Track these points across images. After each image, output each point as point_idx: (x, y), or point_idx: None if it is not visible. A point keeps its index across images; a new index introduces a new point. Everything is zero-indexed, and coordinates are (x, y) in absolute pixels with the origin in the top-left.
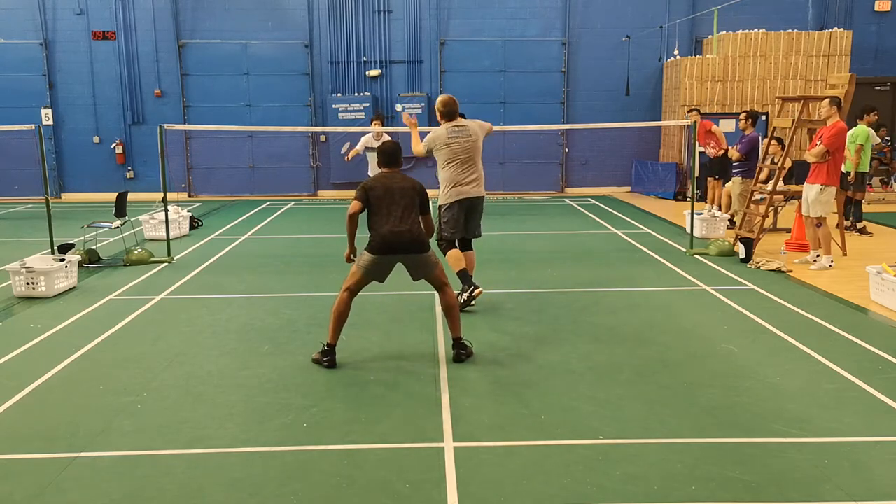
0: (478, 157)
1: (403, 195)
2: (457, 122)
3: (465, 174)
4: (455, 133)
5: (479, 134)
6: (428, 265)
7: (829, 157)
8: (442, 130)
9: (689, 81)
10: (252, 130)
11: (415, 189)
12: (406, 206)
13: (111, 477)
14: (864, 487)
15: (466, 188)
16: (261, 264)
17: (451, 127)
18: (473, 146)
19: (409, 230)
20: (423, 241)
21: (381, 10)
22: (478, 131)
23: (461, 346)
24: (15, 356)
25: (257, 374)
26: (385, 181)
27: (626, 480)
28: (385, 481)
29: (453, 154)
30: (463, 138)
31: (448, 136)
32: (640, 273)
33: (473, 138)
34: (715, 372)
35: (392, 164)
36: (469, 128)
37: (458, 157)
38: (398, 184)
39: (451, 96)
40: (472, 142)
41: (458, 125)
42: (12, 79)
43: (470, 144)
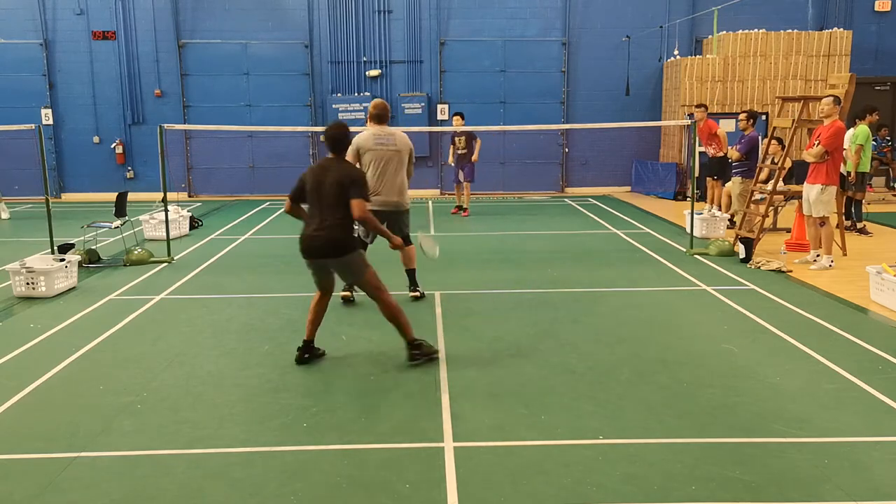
0: (400, 170)
1: (329, 191)
2: (384, 129)
3: (384, 186)
4: (382, 140)
5: (404, 149)
6: (351, 271)
7: (828, 157)
8: (367, 135)
9: (689, 81)
10: (252, 130)
11: (341, 184)
12: (329, 204)
13: (111, 477)
14: (864, 487)
15: (381, 199)
16: (261, 264)
17: (380, 134)
18: (396, 157)
19: (324, 233)
20: (341, 245)
21: (381, 10)
22: (402, 146)
23: (415, 346)
24: (15, 356)
25: (257, 374)
26: (319, 174)
27: (626, 480)
28: (385, 481)
29: (376, 160)
30: (389, 147)
31: (374, 141)
32: (640, 273)
33: (398, 148)
34: (715, 372)
35: (336, 149)
36: (396, 136)
37: (380, 166)
38: (330, 177)
39: (385, 102)
40: (395, 153)
41: (386, 132)
42: (12, 79)
43: (392, 154)
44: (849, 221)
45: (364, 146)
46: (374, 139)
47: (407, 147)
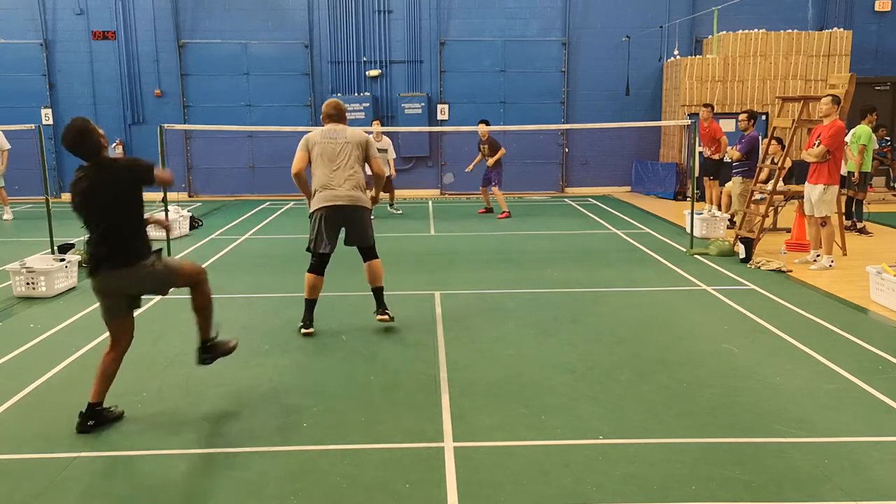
0: (353, 163)
1: (104, 197)
2: (334, 127)
3: (335, 178)
4: (330, 134)
5: (355, 141)
6: (153, 281)
7: (830, 156)
8: (315, 133)
9: (689, 81)
10: (252, 130)
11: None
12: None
13: (111, 477)
14: (864, 487)
15: (332, 193)
16: (261, 264)
17: (328, 131)
18: (348, 147)
19: (106, 248)
20: (123, 257)
21: (381, 10)
22: (354, 138)
23: (207, 347)
24: (15, 356)
25: (257, 374)
26: (84, 184)
27: (626, 480)
28: (385, 481)
29: (324, 153)
30: (338, 140)
31: (321, 136)
32: (640, 273)
33: (348, 140)
34: (715, 372)
35: (83, 157)
36: (346, 131)
37: (330, 158)
38: (98, 181)
39: (339, 101)
40: (345, 143)
41: (335, 129)
42: (12, 79)
43: (342, 147)
44: (849, 221)
45: (312, 140)
46: (321, 133)
47: (360, 139)
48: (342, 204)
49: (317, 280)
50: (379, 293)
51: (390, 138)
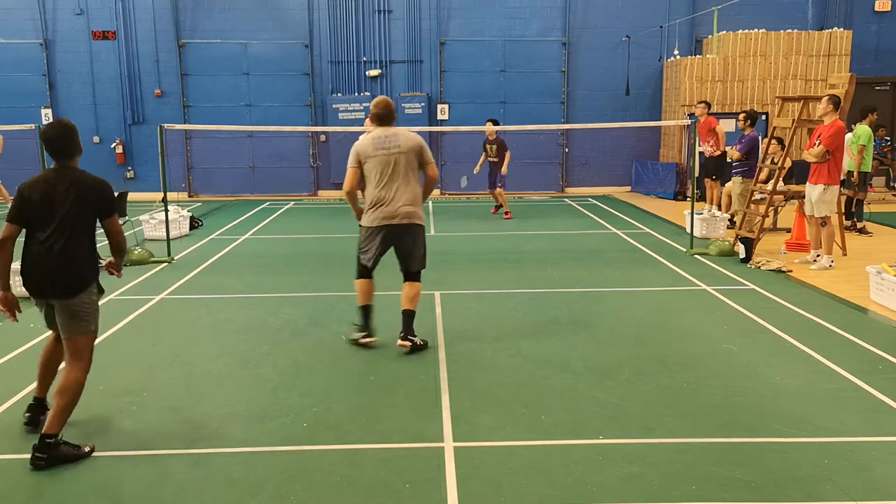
0: (409, 174)
1: (64, 206)
2: (387, 130)
3: (390, 193)
4: (382, 144)
5: (410, 150)
6: (74, 320)
7: (829, 156)
8: (366, 140)
9: (689, 81)
10: (252, 130)
11: (84, 202)
12: (72, 228)
13: (111, 477)
14: (864, 487)
15: (388, 210)
16: (261, 264)
17: (380, 136)
18: (403, 159)
19: (59, 266)
20: (72, 284)
21: (381, 10)
22: (408, 145)
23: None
24: (15, 356)
25: (257, 374)
26: (45, 186)
27: (626, 480)
28: (385, 481)
29: (376, 168)
30: (392, 150)
31: (373, 146)
32: (640, 273)
33: (402, 149)
34: (715, 372)
35: (59, 154)
36: (399, 137)
37: (385, 173)
38: (62, 189)
39: (389, 100)
40: (399, 154)
41: (388, 134)
42: (12, 79)
43: (396, 157)
44: (850, 221)
45: (364, 153)
46: (373, 144)
47: (414, 145)
48: (397, 223)
49: (368, 284)
50: (409, 317)
51: None
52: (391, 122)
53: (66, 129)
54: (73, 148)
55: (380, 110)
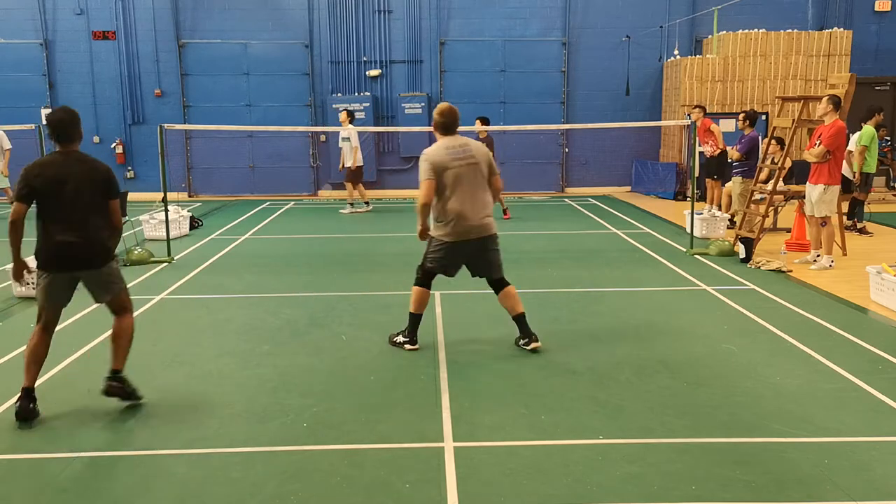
0: (485, 185)
1: (81, 188)
2: (456, 139)
3: (469, 206)
4: (458, 154)
5: (482, 159)
6: (109, 284)
7: (830, 156)
8: (440, 150)
9: (689, 81)
10: (252, 130)
11: (94, 182)
12: (86, 204)
13: (111, 477)
14: (864, 487)
15: (468, 225)
16: (261, 264)
17: (454, 146)
18: (478, 170)
19: (86, 239)
20: (103, 253)
21: (381, 10)
22: (481, 155)
23: (118, 378)
24: (15, 356)
25: (257, 374)
26: (55, 170)
27: (626, 480)
28: (385, 481)
29: (456, 180)
30: (469, 160)
31: (450, 157)
32: (640, 273)
33: (476, 159)
34: (715, 372)
35: (65, 139)
36: (471, 146)
37: (460, 185)
38: (75, 172)
39: (454, 107)
40: (475, 164)
41: (461, 143)
42: (12, 79)
43: (472, 168)
44: (850, 221)
45: (440, 164)
46: (448, 155)
47: (485, 155)
48: (476, 237)
49: (426, 294)
50: (522, 319)
51: (390, 138)
52: (456, 131)
53: (72, 114)
54: (77, 132)
55: (446, 119)
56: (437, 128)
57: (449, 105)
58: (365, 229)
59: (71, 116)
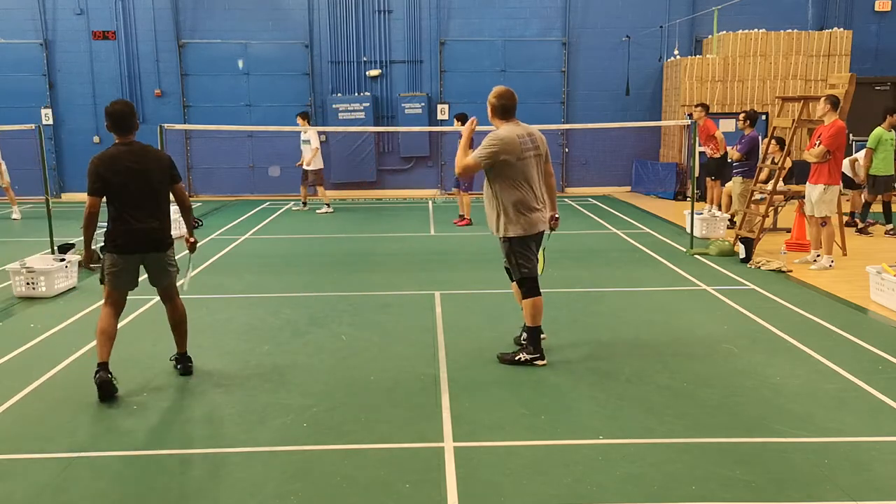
0: (542, 178)
1: (151, 176)
2: (520, 126)
3: (535, 198)
4: (527, 142)
5: (545, 150)
6: (168, 267)
7: (830, 156)
8: (512, 136)
9: (689, 81)
10: (252, 130)
11: (161, 169)
12: (156, 190)
13: (111, 477)
14: (864, 487)
15: (537, 216)
16: (261, 264)
17: (522, 134)
18: (540, 161)
19: (161, 223)
20: (169, 236)
21: (381, 10)
22: (543, 143)
23: (187, 358)
24: (15, 356)
25: (257, 374)
26: (124, 161)
27: (626, 480)
28: (385, 481)
29: (526, 170)
30: (533, 149)
31: (521, 145)
32: (640, 273)
33: (540, 149)
34: (715, 372)
35: (125, 130)
36: (535, 134)
37: (528, 175)
38: (143, 160)
39: (510, 88)
40: (539, 154)
41: (527, 131)
42: (12, 79)
43: (537, 159)
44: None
45: (514, 153)
46: (521, 142)
47: (545, 147)
48: (541, 231)
49: (541, 301)
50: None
51: (390, 138)
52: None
53: (130, 106)
54: (135, 123)
55: (508, 101)
56: (498, 112)
57: (509, 89)
58: (365, 229)
59: (130, 108)
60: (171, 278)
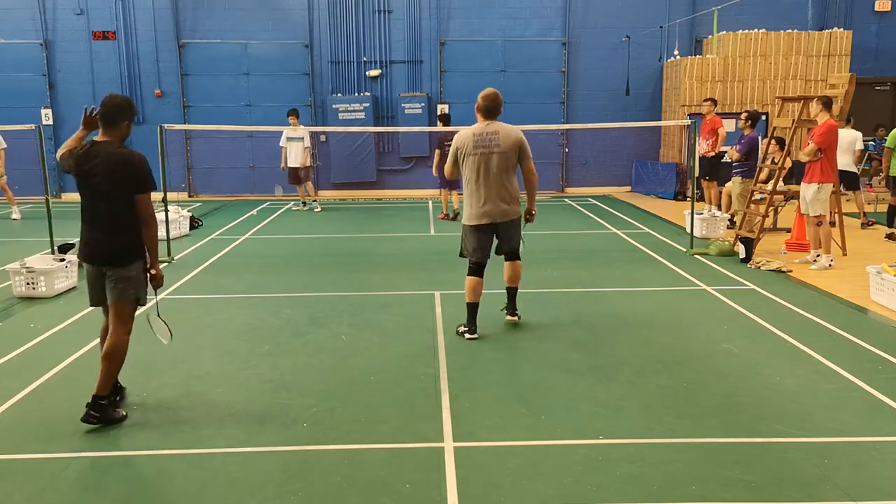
0: (507, 172)
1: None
2: (491, 125)
3: (484, 193)
4: (483, 141)
5: (509, 148)
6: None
7: (822, 154)
8: (467, 133)
9: (689, 81)
10: (252, 130)
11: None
12: (105, 199)
13: (111, 477)
14: (864, 487)
15: (485, 209)
16: (261, 264)
17: (482, 132)
18: (501, 158)
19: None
20: (119, 253)
21: (381, 10)
22: (507, 144)
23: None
24: (15, 356)
25: (257, 374)
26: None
27: (626, 480)
28: (385, 481)
29: (475, 166)
30: (491, 146)
31: (474, 143)
32: (640, 273)
33: (503, 149)
34: (715, 372)
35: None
36: (500, 134)
37: (481, 171)
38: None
39: (494, 90)
40: (500, 153)
41: (492, 130)
42: (12, 79)
43: (496, 156)
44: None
45: (462, 148)
46: (473, 140)
47: (513, 143)
48: (496, 223)
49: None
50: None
51: (390, 138)
52: (497, 115)
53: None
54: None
55: (487, 102)
56: (478, 110)
57: (493, 90)
58: (365, 229)
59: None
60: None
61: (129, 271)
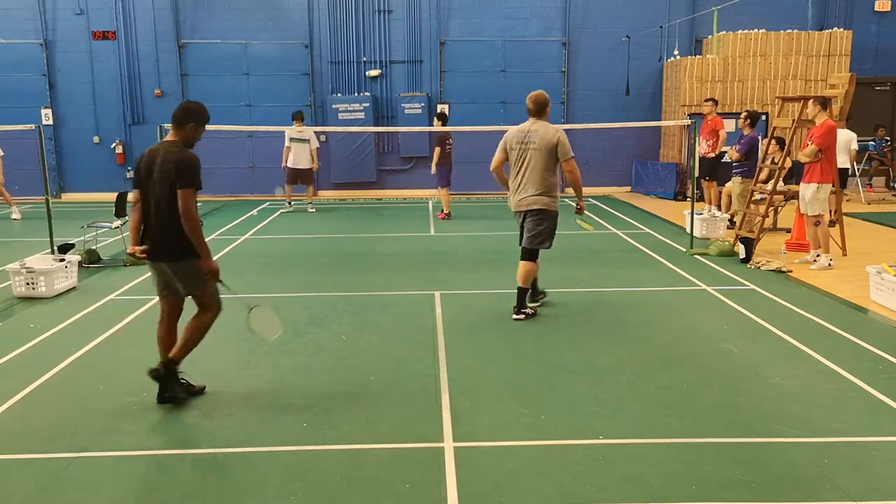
0: (540, 168)
1: (158, 177)
2: (532, 123)
3: (520, 183)
4: (522, 137)
5: (544, 147)
6: (187, 278)
7: (822, 155)
8: (513, 131)
9: (689, 81)
10: (252, 130)
11: (166, 171)
12: (159, 195)
13: (111, 477)
14: (864, 487)
15: (518, 199)
16: (261, 264)
17: (523, 130)
18: (536, 155)
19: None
20: (171, 246)
21: (381, 10)
22: (543, 143)
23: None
24: (15, 356)
25: (257, 374)
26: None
27: (626, 480)
28: (385, 481)
29: (516, 160)
30: (528, 143)
31: (516, 139)
32: (640, 273)
33: (536, 146)
34: (715, 372)
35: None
36: (539, 132)
37: (520, 165)
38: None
39: (540, 92)
40: (535, 150)
41: (530, 128)
42: (12, 79)
43: (531, 153)
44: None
45: (508, 142)
46: (516, 137)
47: (548, 143)
48: (523, 210)
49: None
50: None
51: (390, 138)
52: (545, 116)
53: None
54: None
55: (529, 103)
56: (528, 112)
57: (541, 92)
58: (365, 229)
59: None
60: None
61: (185, 266)
